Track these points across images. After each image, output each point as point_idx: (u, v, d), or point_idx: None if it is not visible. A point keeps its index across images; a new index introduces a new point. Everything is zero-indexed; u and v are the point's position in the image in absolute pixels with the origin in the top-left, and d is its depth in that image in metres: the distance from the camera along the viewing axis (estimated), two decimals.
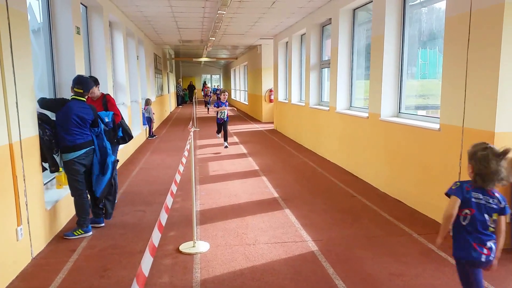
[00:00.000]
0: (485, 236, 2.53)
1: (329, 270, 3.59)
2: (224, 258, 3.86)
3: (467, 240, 2.54)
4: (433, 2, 5.84)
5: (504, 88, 3.79)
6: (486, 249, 2.53)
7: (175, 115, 21.39)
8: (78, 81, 4.44)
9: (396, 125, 5.75)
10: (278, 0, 8.29)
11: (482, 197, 2.55)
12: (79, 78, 4.52)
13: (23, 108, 3.77)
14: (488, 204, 2.53)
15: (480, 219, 2.52)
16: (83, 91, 4.42)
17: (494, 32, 3.81)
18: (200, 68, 38.46)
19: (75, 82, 4.43)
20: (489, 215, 2.52)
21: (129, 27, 10.29)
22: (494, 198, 2.55)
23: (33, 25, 5.34)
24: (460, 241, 2.57)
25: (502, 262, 3.66)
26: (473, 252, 2.53)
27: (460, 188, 2.59)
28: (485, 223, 2.53)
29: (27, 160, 3.80)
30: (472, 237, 2.53)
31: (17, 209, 3.60)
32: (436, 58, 5.95)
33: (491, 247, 2.54)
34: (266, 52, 16.63)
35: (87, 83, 4.50)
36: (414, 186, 5.27)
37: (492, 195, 2.55)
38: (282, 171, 7.55)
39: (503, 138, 3.84)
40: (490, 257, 2.55)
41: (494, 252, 2.55)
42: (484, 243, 2.53)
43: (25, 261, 3.74)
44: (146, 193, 6.12)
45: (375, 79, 6.37)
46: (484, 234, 2.53)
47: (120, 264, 3.74)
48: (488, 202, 2.54)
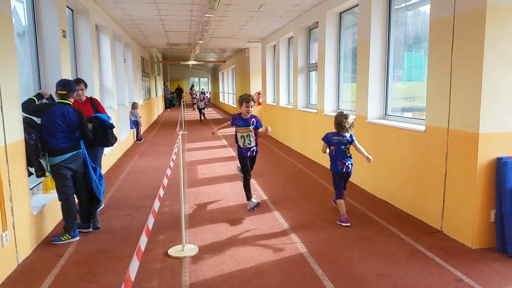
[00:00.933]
0: (345, 159, 4.80)
1: (318, 271, 3.61)
2: (213, 261, 3.85)
3: (335, 161, 4.83)
4: (418, 6, 5.94)
5: (488, 90, 3.87)
6: (345, 166, 4.79)
7: (163, 118, 21.29)
8: (61, 83, 4.42)
9: (382, 127, 5.82)
10: (265, 3, 8.33)
11: (337, 138, 4.81)
12: (61, 80, 4.51)
13: (8, 112, 3.72)
14: (342, 141, 4.78)
15: (340, 150, 4.79)
16: (66, 92, 4.38)
17: (477, 35, 3.89)
18: (188, 71, 38.37)
19: (58, 85, 4.41)
20: (344, 146, 4.78)
21: (116, 30, 10.23)
22: (344, 137, 4.78)
23: (18, 28, 5.28)
24: (332, 162, 4.86)
25: (486, 262, 3.74)
26: (338, 167, 4.80)
27: (326, 137, 4.88)
28: (344, 152, 4.79)
29: (12, 165, 3.75)
30: (337, 160, 4.80)
31: (2, 214, 3.55)
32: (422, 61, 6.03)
33: (349, 165, 4.80)
34: (254, 55, 16.67)
35: (70, 85, 4.47)
36: (401, 187, 5.33)
37: (344, 135, 4.78)
38: (271, 174, 7.56)
39: (487, 139, 3.92)
40: (349, 170, 4.82)
41: (351, 167, 4.83)
42: (344, 163, 4.79)
43: (10, 267, 3.68)
44: (134, 198, 6.07)
45: (361, 81, 6.43)
46: (344, 157, 4.79)
47: (108, 269, 3.71)
48: (342, 140, 4.79)
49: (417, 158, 4.95)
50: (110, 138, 5.09)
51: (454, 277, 3.47)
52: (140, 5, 8.30)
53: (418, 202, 4.93)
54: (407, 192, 5.19)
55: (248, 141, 5.30)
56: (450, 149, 4.32)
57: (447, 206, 4.41)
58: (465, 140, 4.10)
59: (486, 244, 4.06)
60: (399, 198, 5.38)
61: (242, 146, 5.33)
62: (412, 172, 5.05)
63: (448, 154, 4.34)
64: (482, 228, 4.05)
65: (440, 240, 4.26)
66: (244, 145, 5.31)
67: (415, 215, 5.01)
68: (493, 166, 3.97)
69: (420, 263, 3.74)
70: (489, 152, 3.95)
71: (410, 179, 5.10)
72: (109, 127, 5.10)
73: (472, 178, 4.02)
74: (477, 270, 3.58)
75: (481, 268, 3.63)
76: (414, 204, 5.03)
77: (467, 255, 3.91)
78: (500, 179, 3.92)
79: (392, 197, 5.55)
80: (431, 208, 4.67)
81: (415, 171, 4.98)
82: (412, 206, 5.09)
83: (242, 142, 5.31)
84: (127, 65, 12.11)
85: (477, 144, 3.94)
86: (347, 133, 4.74)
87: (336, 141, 4.78)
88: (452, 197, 4.33)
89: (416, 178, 4.97)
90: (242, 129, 5.28)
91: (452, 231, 4.36)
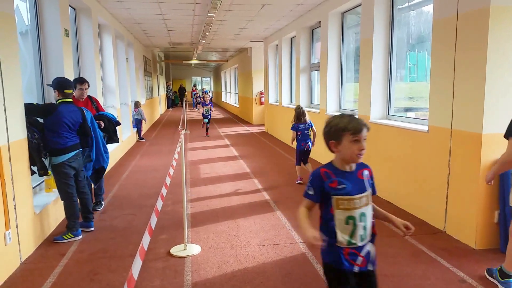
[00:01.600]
0: (307, 140, 6.58)
1: (320, 271, 3.60)
2: (216, 261, 3.85)
3: (300, 142, 6.59)
4: (421, 6, 5.92)
5: (491, 90, 3.85)
6: (306, 145, 6.57)
7: (165, 117, 21.31)
8: (67, 82, 4.45)
9: (385, 127, 5.80)
10: (267, 3, 8.32)
11: (302, 125, 6.54)
12: (65, 79, 4.53)
13: (11, 111, 3.72)
14: (305, 126, 6.55)
15: (304, 134, 6.57)
16: (71, 91, 4.46)
17: (480, 35, 3.87)
18: (190, 71, 38.37)
19: (64, 83, 4.40)
20: (307, 131, 6.56)
21: (118, 29, 10.24)
22: (306, 124, 6.55)
23: (20, 28, 5.29)
24: (298, 143, 6.63)
25: (489, 262, 3.72)
26: (302, 147, 6.58)
27: (294, 126, 6.61)
28: (307, 135, 6.58)
29: (15, 164, 3.76)
30: (302, 141, 6.57)
31: (5, 213, 3.55)
32: (425, 61, 6.02)
33: (309, 143, 6.58)
34: (257, 55, 16.66)
35: (70, 81, 4.54)
36: (403, 187, 5.31)
37: (305, 122, 6.54)
38: (273, 173, 7.56)
39: (490, 140, 3.90)
40: (309, 148, 6.63)
41: (310, 146, 6.60)
42: (306, 142, 6.57)
43: (13, 266, 3.69)
44: (136, 197, 6.08)
45: (364, 81, 6.42)
46: (306, 139, 6.58)
47: (110, 268, 3.71)
48: (305, 126, 6.55)
49: (420, 158, 4.94)
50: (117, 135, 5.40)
51: (458, 278, 3.46)
52: (143, 4, 8.31)
53: (421, 202, 4.92)
54: (410, 192, 5.17)
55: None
56: (453, 150, 4.31)
57: (450, 207, 4.39)
58: (468, 140, 4.08)
59: (489, 245, 4.05)
60: (402, 198, 5.37)
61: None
62: (415, 173, 5.04)
63: (451, 154, 4.33)
64: (485, 229, 4.03)
65: (443, 241, 4.25)
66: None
67: (418, 215, 5.00)
68: None
69: (423, 264, 3.73)
70: (493, 153, 3.93)
71: (413, 179, 5.08)
72: (116, 124, 5.26)
73: (475, 179, 4.00)
74: (481, 271, 3.57)
75: (484, 268, 3.61)
76: (417, 204, 5.02)
77: (470, 256, 3.89)
78: (503, 180, 3.90)
79: (395, 197, 5.54)
80: (434, 209, 4.65)
81: (418, 172, 4.97)
82: (415, 206, 5.08)
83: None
84: (130, 64, 12.12)
85: (480, 145, 3.92)
86: (307, 120, 6.59)
87: (302, 128, 6.55)
88: (455, 198, 4.31)
89: (419, 178, 4.95)
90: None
91: (455, 232, 4.34)
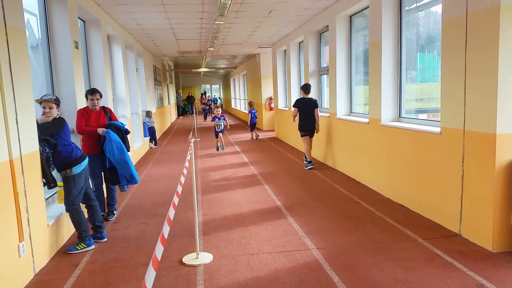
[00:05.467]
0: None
1: (334, 278, 3.56)
2: (228, 269, 3.82)
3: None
4: (430, 6, 5.86)
5: (504, 89, 3.78)
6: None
7: (176, 126, 21.43)
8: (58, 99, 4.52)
9: (397, 129, 5.74)
10: (275, 9, 8.33)
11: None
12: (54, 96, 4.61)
13: (23, 123, 3.77)
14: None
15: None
16: None
17: (491, 34, 3.81)
18: (199, 78, 38.61)
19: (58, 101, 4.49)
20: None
21: (127, 40, 10.35)
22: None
23: (31, 41, 5.37)
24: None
25: (508, 266, 3.63)
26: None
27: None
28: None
29: (28, 176, 3.79)
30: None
31: (18, 225, 3.58)
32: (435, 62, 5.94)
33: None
34: (265, 61, 16.69)
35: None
36: (417, 190, 5.24)
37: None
38: (284, 179, 7.52)
39: (505, 140, 3.82)
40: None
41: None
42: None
43: (27, 277, 3.72)
44: (148, 205, 6.10)
45: (374, 84, 6.37)
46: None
47: (123, 278, 3.71)
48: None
49: (433, 160, 4.86)
50: (128, 143, 5.39)
51: (475, 282, 3.38)
52: (151, 14, 8.39)
53: (435, 205, 4.84)
54: (423, 195, 5.09)
55: None
56: (467, 151, 4.23)
57: (465, 209, 4.31)
58: (482, 141, 4.01)
59: (507, 248, 3.95)
60: (415, 201, 5.29)
61: None
62: (428, 175, 4.96)
63: (465, 155, 4.25)
64: (502, 231, 3.94)
65: (458, 244, 4.17)
66: None
67: (432, 218, 4.91)
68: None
69: (439, 268, 3.65)
70: (507, 153, 3.85)
71: (426, 181, 5.01)
72: (125, 132, 5.29)
73: (490, 180, 3.92)
74: (499, 275, 3.48)
75: (503, 272, 3.53)
76: (431, 207, 4.94)
77: (487, 259, 3.80)
78: None
79: (408, 200, 5.46)
80: (449, 211, 4.57)
81: (431, 174, 4.90)
82: (429, 209, 5.00)
83: None
84: (140, 74, 12.23)
85: (494, 145, 3.85)
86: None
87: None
88: (470, 200, 4.23)
89: (433, 180, 4.88)
90: None
91: (471, 235, 4.26)
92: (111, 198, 5.53)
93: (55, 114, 4.35)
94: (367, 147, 6.71)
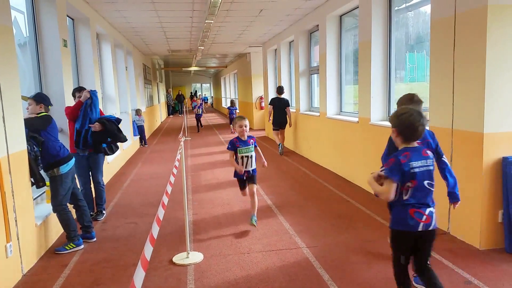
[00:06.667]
0: None
1: (325, 276, 3.57)
2: (218, 268, 3.82)
3: None
4: (419, 6, 5.91)
5: (491, 89, 3.83)
6: None
7: (166, 125, 21.33)
8: (48, 98, 4.50)
9: (386, 128, 5.78)
10: (265, 8, 8.33)
11: None
12: (45, 95, 4.56)
13: (10, 122, 3.72)
14: None
15: None
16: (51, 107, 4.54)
17: (479, 34, 3.86)
18: (190, 77, 38.47)
19: (47, 99, 4.46)
20: None
21: (117, 38, 10.26)
22: None
23: (19, 39, 5.30)
24: None
25: (495, 263, 3.68)
26: None
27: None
28: None
29: (15, 175, 3.74)
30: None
31: (6, 225, 3.54)
32: (424, 61, 6.00)
33: None
34: (256, 60, 16.69)
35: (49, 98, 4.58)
36: None
37: None
38: (275, 178, 7.53)
39: (492, 139, 3.88)
40: None
41: None
42: None
43: (15, 278, 3.67)
44: (138, 205, 6.06)
45: (363, 83, 6.41)
46: None
47: (112, 278, 3.68)
48: None
49: None
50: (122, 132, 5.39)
51: (463, 279, 3.42)
52: (141, 12, 8.33)
53: None
54: None
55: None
56: (455, 150, 4.28)
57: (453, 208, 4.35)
58: (469, 140, 4.06)
59: (494, 245, 4.01)
60: None
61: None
62: None
63: (453, 154, 4.30)
64: (490, 229, 4.00)
65: (447, 242, 4.22)
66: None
67: None
68: (499, 166, 3.93)
69: None
70: (495, 152, 3.91)
71: None
72: (117, 121, 5.34)
73: (478, 178, 3.97)
74: (486, 272, 3.53)
75: (490, 269, 3.58)
76: None
77: (475, 257, 3.85)
78: (507, 179, 3.87)
79: None
80: (438, 210, 4.59)
81: None
82: None
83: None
84: (129, 73, 12.15)
85: (482, 144, 3.90)
86: None
87: None
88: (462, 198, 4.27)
89: None
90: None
91: (459, 232, 4.31)
92: (99, 197, 5.48)
93: (35, 111, 4.32)
94: (357, 146, 6.75)
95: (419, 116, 2.53)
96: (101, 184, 5.49)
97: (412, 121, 2.52)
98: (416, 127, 2.52)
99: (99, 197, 5.48)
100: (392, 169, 2.53)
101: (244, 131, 4.68)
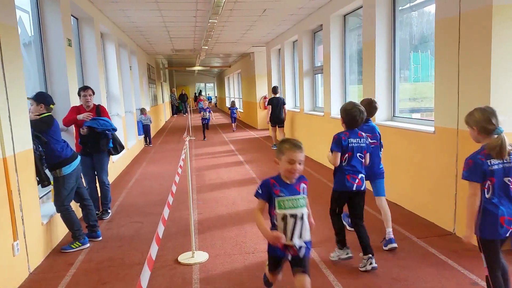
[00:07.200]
0: None
1: (330, 276, 3.57)
2: (224, 267, 3.82)
3: None
4: (423, 6, 5.90)
5: (497, 89, 3.82)
6: None
7: (170, 124, 21.35)
8: (50, 98, 4.47)
9: (390, 128, 5.77)
10: (269, 7, 8.33)
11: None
12: (48, 95, 4.55)
13: (16, 122, 3.74)
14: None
15: None
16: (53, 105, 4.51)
17: (484, 34, 3.84)
18: (193, 77, 38.49)
19: (48, 99, 4.43)
20: None
21: (121, 37, 10.29)
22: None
23: (24, 39, 5.32)
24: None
25: None
26: None
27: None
28: None
29: (21, 174, 3.76)
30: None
31: (13, 224, 3.56)
32: (428, 61, 5.99)
33: None
34: (259, 60, 16.69)
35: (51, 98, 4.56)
36: (411, 189, 5.27)
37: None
38: None
39: None
40: None
41: None
42: None
43: (22, 276, 3.69)
44: (143, 204, 6.07)
45: (368, 83, 6.40)
46: None
47: (118, 277, 3.70)
48: None
49: (427, 159, 4.90)
50: (102, 144, 5.19)
51: (469, 281, 3.41)
52: (144, 12, 8.35)
53: (430, 204, 4.87)
54: (418, 194, 5.13)
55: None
56: (461, 150, 4.27)
57: (459, 208, 4.34)
58: None
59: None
60: (410, 200, 5.32)
61: None
62: (423, 174, 4.99)
63: (459, 154, 4.29)
64: None
65: (453, 243, 4.20)
66: None
67: (426, 217, 4.95)
68: None
69: (434, 267, 3.68)
70: None
71: (421, 181, 5.04)
72: (103, 133, 5.17)
73: None
74: None
75: None
76: (426, 206, 4.97)
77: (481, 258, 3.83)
78: None
79: (403, 199, 5.49)
80: (443, 210, 4.61)
81: (426, 173, 4.93)
82: (423, 208, 5.03)
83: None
84: (133, 72, 12.17)
85: None
86: None
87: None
88: (464, 199, 4.25)
89: (427, 179, 4.91)
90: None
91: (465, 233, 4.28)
92: (104, 197, 5.50)
93: (37, 112, 4.32)
94: None
95: (359, 111, 3.64)
96: (106, 183, 5.50)
97: (353, 114, 3.64)
98: (356, 119, 3.64)
99: (104, 197, 5.50)
100: (336, 143, 3.66)
101: (295, 171, 2.84)
